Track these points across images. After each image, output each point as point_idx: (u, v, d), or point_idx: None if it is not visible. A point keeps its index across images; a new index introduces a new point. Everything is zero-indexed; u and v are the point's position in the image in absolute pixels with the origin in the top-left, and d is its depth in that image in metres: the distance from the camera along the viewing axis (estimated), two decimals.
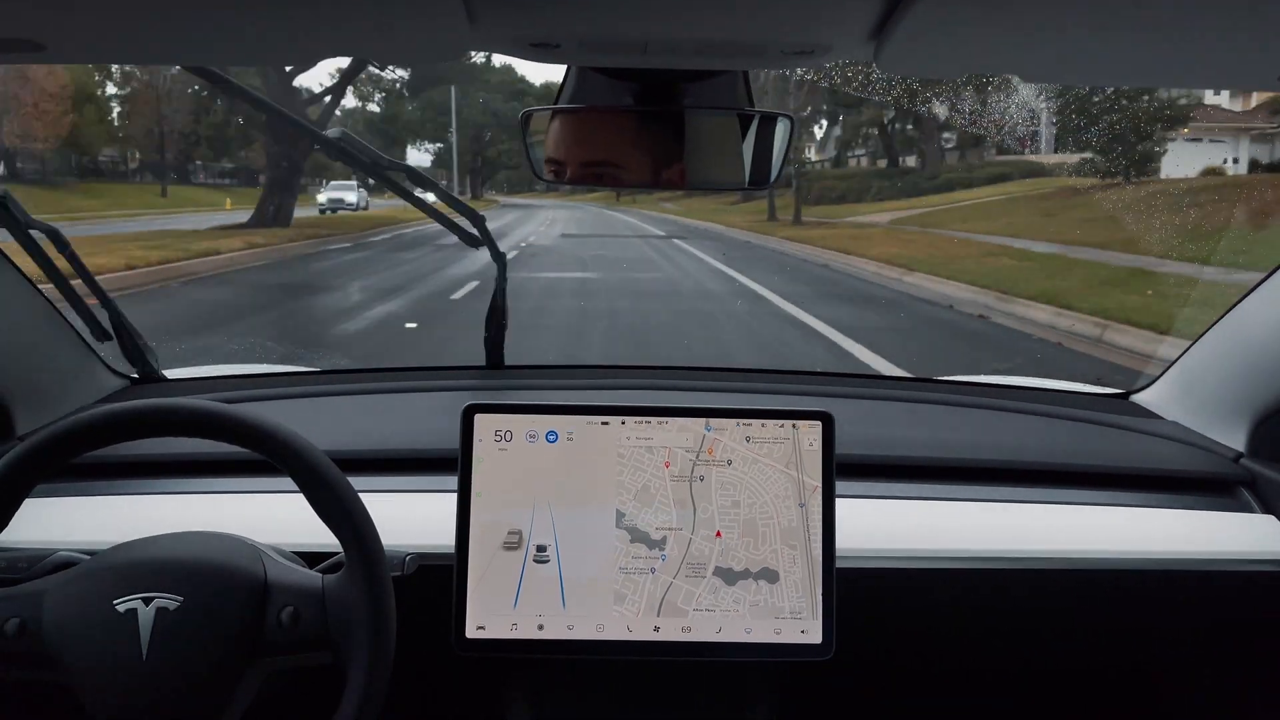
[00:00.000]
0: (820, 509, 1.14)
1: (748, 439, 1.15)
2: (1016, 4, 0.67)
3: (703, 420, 1.15)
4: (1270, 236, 10.65)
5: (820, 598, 1.12)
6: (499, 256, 1.63)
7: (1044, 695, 1.40)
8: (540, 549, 1.12)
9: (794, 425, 1.14)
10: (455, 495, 1.12)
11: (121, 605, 0.93)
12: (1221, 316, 1.46)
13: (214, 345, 6.82)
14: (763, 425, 1.14)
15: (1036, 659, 1.35)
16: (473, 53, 0.84)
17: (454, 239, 1.59)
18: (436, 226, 1.60)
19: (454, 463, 1.13)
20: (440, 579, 1.11)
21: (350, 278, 11.91)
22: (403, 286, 10.58)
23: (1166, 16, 0.70)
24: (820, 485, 1.14)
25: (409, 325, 7.93)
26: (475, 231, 1.56)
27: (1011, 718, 1.42)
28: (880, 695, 1.39)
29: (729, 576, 1.13)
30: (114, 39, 0.83)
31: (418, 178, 1.53)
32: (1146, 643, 1.33)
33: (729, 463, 1.14)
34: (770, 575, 1.13)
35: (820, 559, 1.13)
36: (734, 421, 1.14)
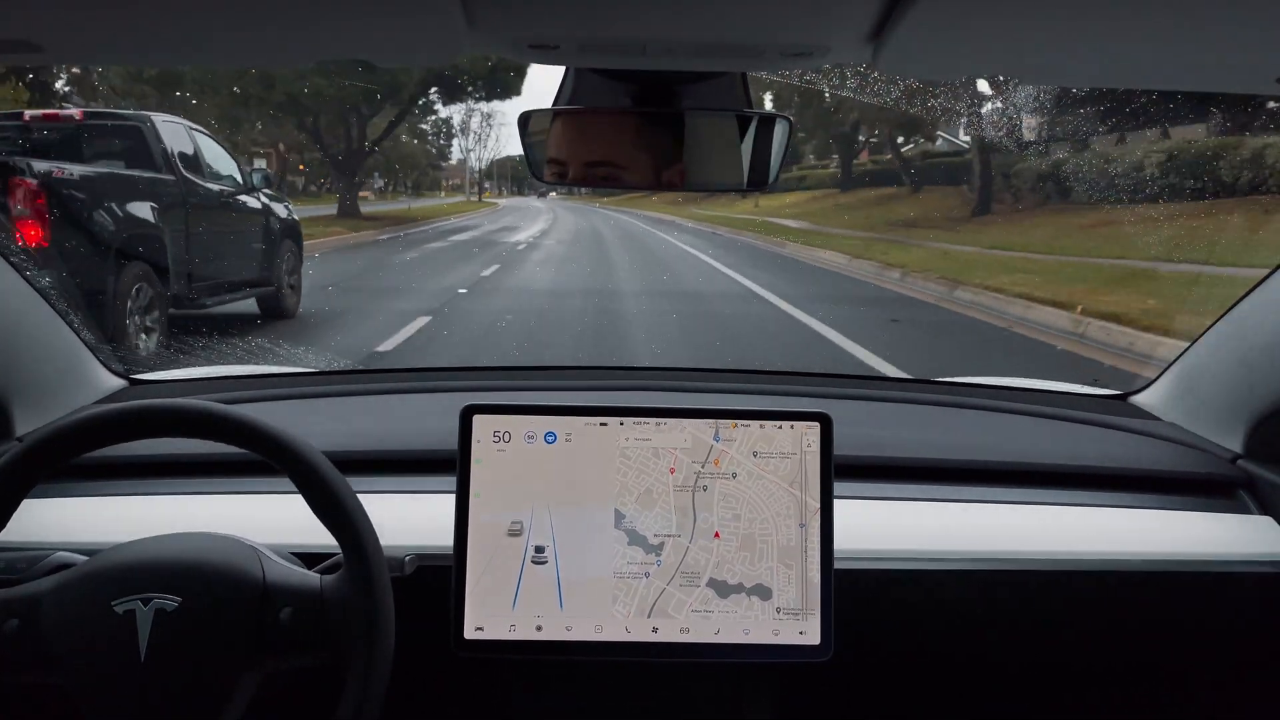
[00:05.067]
0: (819, 526, 1.13)
1: (755, 453, 1.14)
2: (1015, 5, 0.67)
3: (708, 427, 1.14)
4: None
5: (819, 602, 1.12)
6: None
7: (1042, 696, 1.40)
8: (539, 550, 1.12)
9: (792, 426, 1.14)
10: (454, 496, 1.12)
11: (120, 606, 0.93)
12: (1220, 318, 1.46)
13: None
14: (761, 427, 1.14)
15: (1034, 660, 1.35)
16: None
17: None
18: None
19: (452, 463, 1.13)
20: (438, 580, 1.11)
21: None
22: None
23: (1165, 18, 0.70)
24: (820, 503, 1.13)
25: None
26: None
27: (1009, 719, 1.42)
28: (879, 696, 1.39)
29: (722, 589, 1.12)
30: (110, 40, 0.83)
31: None
32: (1144, 644, 1.33)
33: (734, 475, 1.14)
34: (763, 592, 1.12)
35: (818, 582, 1.12)
36: (740, 431, 1.14)
